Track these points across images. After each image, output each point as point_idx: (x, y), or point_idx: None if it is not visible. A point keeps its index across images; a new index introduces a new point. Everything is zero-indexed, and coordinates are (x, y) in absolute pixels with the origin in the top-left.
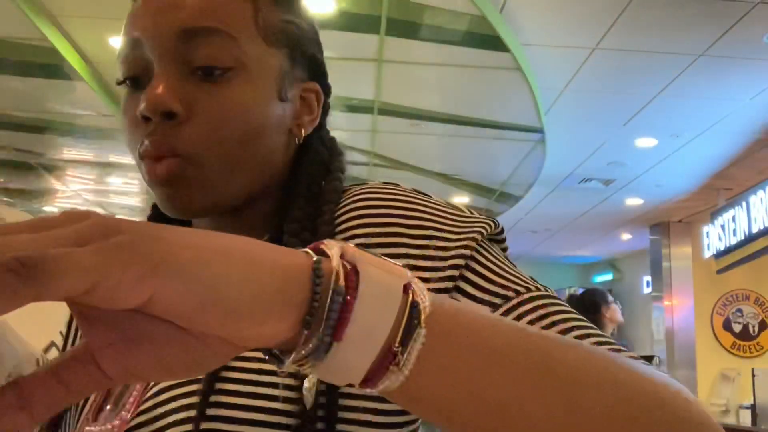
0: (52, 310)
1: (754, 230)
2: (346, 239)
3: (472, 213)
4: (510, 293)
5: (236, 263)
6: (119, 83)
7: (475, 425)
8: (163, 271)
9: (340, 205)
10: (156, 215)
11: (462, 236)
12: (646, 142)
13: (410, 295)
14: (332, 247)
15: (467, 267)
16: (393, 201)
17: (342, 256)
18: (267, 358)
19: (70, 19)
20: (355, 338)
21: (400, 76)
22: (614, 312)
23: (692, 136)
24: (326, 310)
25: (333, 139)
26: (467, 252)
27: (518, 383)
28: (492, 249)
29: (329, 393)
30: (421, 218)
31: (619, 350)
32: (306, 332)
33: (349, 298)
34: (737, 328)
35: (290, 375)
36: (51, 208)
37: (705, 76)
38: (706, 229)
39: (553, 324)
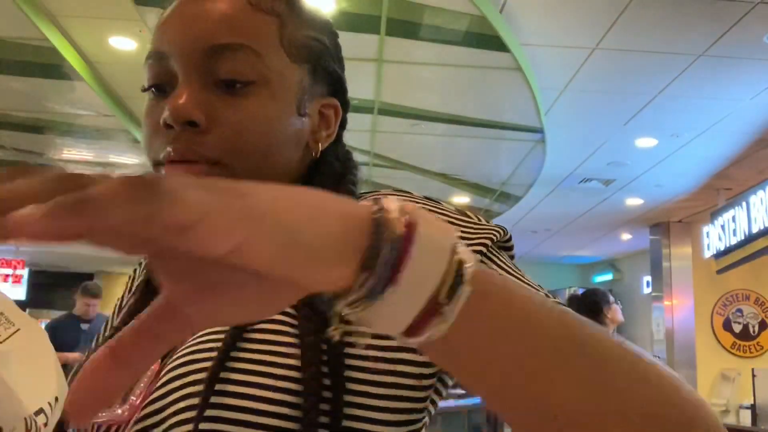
0: (44, 378)
1: (754, 230)
2: None
3: (480, 220)
4: None
5: (312, 211)
6: (144, 90)
7: (504, 389)
8: (252, 217)
9: None
10: None
11: (472, 242)
12: (646, 142)
13: (458, 254)
14: (392, 202)
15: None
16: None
17: (401, 210)
18: (325, 300)
19: (70, 19)
20: (407, 284)
21: (400, 76)
22: (615, 312)
23: (692, 136)
24: (384, 255)
25: (348, 153)
26: (477, 257)
27: (550, 353)
28: (501, 255)
29: (335, 388)
30: None
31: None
32: (364, 274)
33: (405, 246)
34: (737, 328)
35: (294, 367)
36: None
37: (705, 76)
38: (706, 229)
39: None
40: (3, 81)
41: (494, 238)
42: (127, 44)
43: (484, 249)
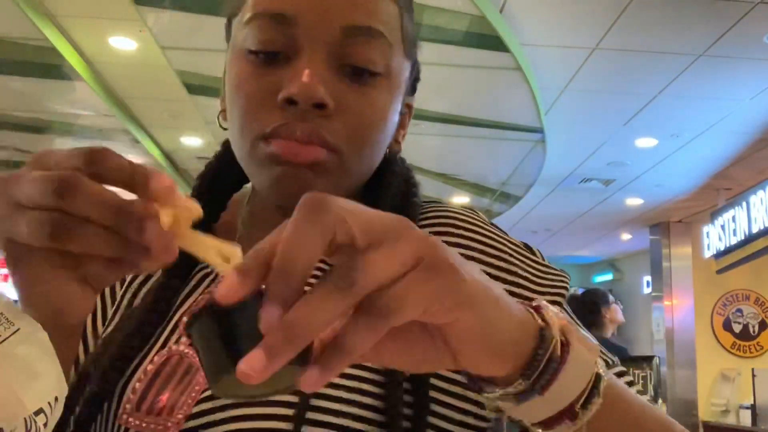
0: (44, 378)
1: (754, 230)
2: None
3: (544, 259)
4: None
5: (504, 311)
6: (251, 53)
7: None
8: (468, 304)
9: (424, 219)
10: (204, 185)
11: (550, 290)
12: (646, 142)
13: (597, 368)
14: (551, 317)
15: None
16: (476, 233)
17: (560, 328)
18: (469, 383)
19: (70, 19)
20: (552, 395)
21: None
22: (614, 312)
23: (692, 136)
24: (540, 371)
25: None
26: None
27: None
28: (569, 309)
29: (417, 398)
30: (507, 261)
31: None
32: (521, 380)
33: (559, 367)
34: (737, 328)
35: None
36: None
37: (705, 76)
38: (706, 229)
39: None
40: (3, 81)
41: (567, 287)
42: (127, 44)
43: (561, 299)
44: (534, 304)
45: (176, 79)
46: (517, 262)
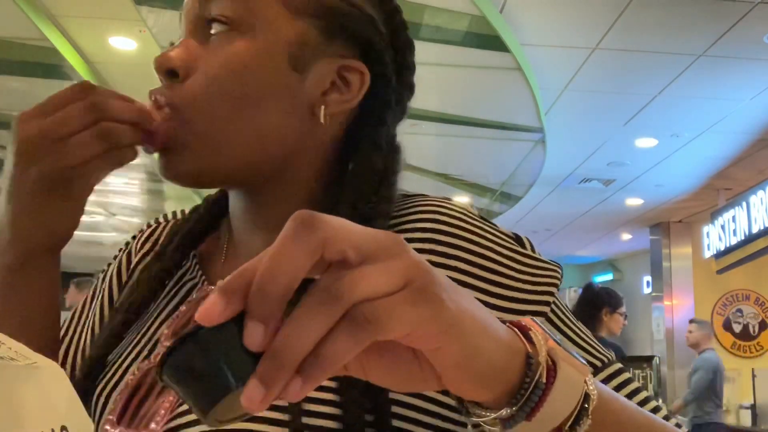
0: (54, 402)
1: (754, 230)
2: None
3: (534, 251)
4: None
5: (491, 339)
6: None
7: None
8: (452, 333)
9: (403, 217)
10: (213, 201)
11: (538, 288)
12: (646, 142)
13: (585, 387)
14: (539, 339)
15: (548, 320)
16: (460, 228)
17: (547, 352)
18: (457, 406)
19: (70, 19)
20: (539, 419)
21: None
22: (614, 322)
23: (692, 136)
24: (527, 397)
25: (395, 147)
26: (546, 309)
27: None
28: (563, 309)
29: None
30: (491, 259)
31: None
32: (507, 408)
33: (545, 393)
34: (737, 328)
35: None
36: None
37: (705, 76)
38: (706, 229)
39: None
40: (3, 81)
41: (557, 283)
42: (127, 44)
43: (551, 297)
44: (522, 323)
45: None
46: (504, 259)
